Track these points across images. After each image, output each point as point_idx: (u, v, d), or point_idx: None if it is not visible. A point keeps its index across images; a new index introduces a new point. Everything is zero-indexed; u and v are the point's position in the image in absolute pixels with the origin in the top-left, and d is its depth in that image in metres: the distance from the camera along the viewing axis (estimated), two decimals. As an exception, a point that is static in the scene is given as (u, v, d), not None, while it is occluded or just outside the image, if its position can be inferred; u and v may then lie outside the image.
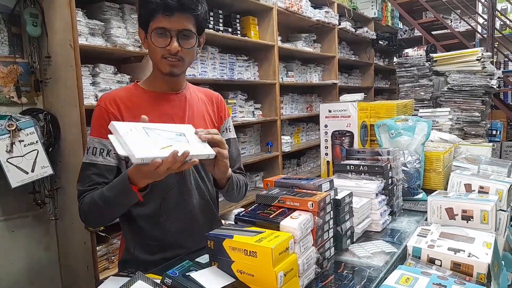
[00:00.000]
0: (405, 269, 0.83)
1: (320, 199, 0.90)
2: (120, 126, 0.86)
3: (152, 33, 1.07)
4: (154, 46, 1.08)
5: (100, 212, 1.07)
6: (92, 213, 1.08)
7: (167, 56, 1.08)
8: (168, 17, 1.05)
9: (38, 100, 2.13)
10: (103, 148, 1.09)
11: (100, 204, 1.04)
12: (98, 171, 1.09)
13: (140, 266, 1.07)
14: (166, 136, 0.92)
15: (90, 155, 1.10)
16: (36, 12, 2.01)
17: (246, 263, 0.78)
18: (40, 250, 2.17)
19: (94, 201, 1.05)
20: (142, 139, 0.86)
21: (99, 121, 1.11)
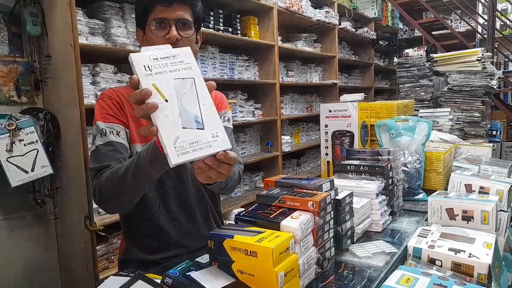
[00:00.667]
0: (405, 270, 0.83)
1: (320, 199, 0.89)
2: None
3: (150, 25, 1.07)
4: (153, 37, 1.07)
5: (119, 189, 0.94)
6: (110, 191, 0.96)
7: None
8: (167, 7, 1.05)
9: (38, 100, 2.13)
10: (112, 130, 1.06)
11: (122, 177, 0.91)
12: (113, 148, 1.04)
13: (140, 266, 1.07)
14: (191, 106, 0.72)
15: (100, 137, 1.05)
16: (36, 11, 2.01)
17: (247, 263, 0.78)
18: (39, 250, 2.17)
19: (115, 175, 0.94)
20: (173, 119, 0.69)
21: (104, 109, 1.09)
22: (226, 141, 0.72)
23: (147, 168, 0.85)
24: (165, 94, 0.69)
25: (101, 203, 1.02)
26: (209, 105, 0.73)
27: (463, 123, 2.45)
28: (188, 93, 0.72)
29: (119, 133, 1.07)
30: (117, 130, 1.07)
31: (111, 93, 1.13)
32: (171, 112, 0.69)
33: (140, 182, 0.92)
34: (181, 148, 0.67)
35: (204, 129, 0.71)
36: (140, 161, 0.86)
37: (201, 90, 0.74)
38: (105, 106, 1.10)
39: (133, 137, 1.11)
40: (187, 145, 0.68)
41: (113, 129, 1.07)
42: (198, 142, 0.69)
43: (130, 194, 0.96)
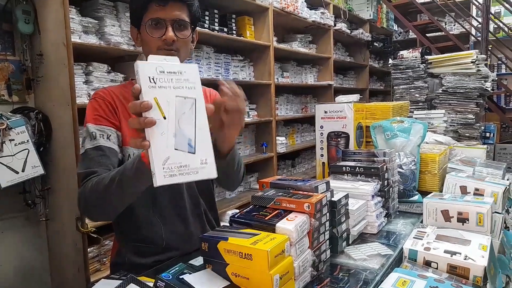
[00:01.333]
0: (401, 272, 0.82)
1: (316, 200, 0.88)
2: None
3: (146, 25, 1.05)
4: (149, 38, 1.05)
5: (104, 198, 0.91)
6: (95, 199, 0.93)
7: (163, 47, 1.05)
8: (163, 7, 1.03)
9: (29, 99, 2.10)
10: (102, 133, 1.04)
11: (106, 186, 0.89)
12: (102, 153, 1.01)
13: (132, 269, 1.05)
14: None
15: (90, 140, 1.02)
16: (29, 9, 1.98)
17: (241, 266, 0.77)
18: (30, 252, 2.14)
19: (100, 183, 0.91)
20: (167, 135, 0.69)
21: (96, 110, 1.06)
22: (213, 170, 0.72)
23: (132, 181, 0.84)
24: (164, 110, 0.68)
25: (85, 211, 1.00)
26: (204, 129, 0.73)
27: (457, 125, 2.46)
28: (187, 113, 0.71)
29: (109, 136, 1.04)
30: (108, 133, 1.04)
31: (104, 93, 1.10)
32: (166, 131, 0.68)
33: (125, 194, 0.90)
34: (169, 170, 0.66)
35: (195, 154, 0.70)
36: (126, 173, 0.84)
37: (200, 113, 0.73)
38: (97, 107, 1.07)
39: (125, 140, 1.08)
40: (175, 168, 0.67)
41: (104, 132, 1.04)
42: (186, 167, 0.68)
43: (114, 204, 0.94)
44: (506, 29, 4.47)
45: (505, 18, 5.16)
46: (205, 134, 0.72)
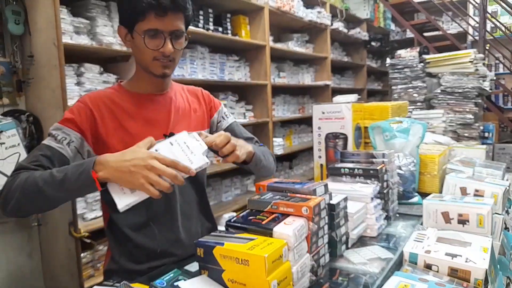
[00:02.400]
0: (402, 276, 0.82)
1: (315, 204, 0.87)
2: None
3: (143, 35, 1.02)
4: (145, 48, 1.03)
5: (30, 193, 0.90)
6: (19, 192, 0.90)
7: (159, 57, 1.05)
8: (161, 17, 1.01)
9: (20, 101, 2.07)
10: (65, 137, 1.01)
11: (37, 182, 0.89)
12: (49, 154, 0.98)
13: (126, 275, 1.03)
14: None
15: (50, 139, 1.01)
16: (19, 10, 1.96)
17: (238, 271, 0.76)
18: (22, 258, 2.10)
19: (31, 178, 0.90)
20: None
21: (72, 113, 1.04)
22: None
23: (75, 189, 0.89)
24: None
25: (4, 201, 0.93)
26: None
27: (456, 125, 2.46)
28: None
29: (70, 143, 1.01)
30: (71, 139, 1.01)
31: (91, 99, 1.07)
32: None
33: (63, 196, 0.93)
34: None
35: None
36: (69, 179, 0.88)
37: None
38: (75, 110, 1.04)
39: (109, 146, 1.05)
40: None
41: (68, 136, 1.01)
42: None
43: (44, 205, 0.95)
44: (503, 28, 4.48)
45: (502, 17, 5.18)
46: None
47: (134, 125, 1.09)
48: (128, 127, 1.08)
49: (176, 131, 1.15)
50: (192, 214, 1.20)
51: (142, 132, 1.09)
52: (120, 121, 1.07)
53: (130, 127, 1.08)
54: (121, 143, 1.06)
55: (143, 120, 1.10)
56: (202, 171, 1.25)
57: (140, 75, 1.14)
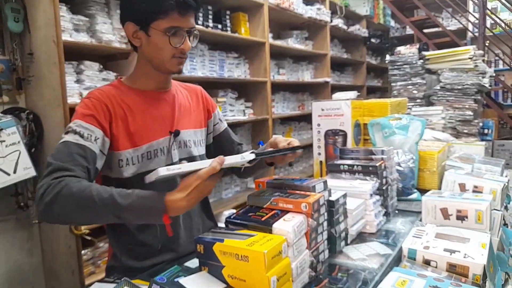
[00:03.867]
0: (400, 272, 0.82)
1: (314, 200, 0.88)
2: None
3: (168, 33, 1.04)
4: (166, 45, 1.05)
5: (85, 206, 0.87)
6: (72, 202, 0.87)
7: (178, 55, 1.08)
8: (183, 15, 1.04)
9: (20, 99, 2.06)
10: (90, 134, 1.00)
11: (93, 198, 0.85)
12: (83, 153, 0.96)
13: (127, 272, 1.03)
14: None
15: (75, 135, 0.97)
16: (18, 7, 1.95)
17: (238, 268, 0.76)
18: (23, 255, 2.10)
19: (88, 191, 0.86)
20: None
21: (89, 109, 1.03)
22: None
23: (136, 216, 0.87)
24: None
25: (46, 209, 0.89)
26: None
27: (455, 121, 2.45)
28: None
29: (96, 140, 1.01)
30: (96, 136, 1.01)
31: (101, 94, 1.07)
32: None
33: (104, 219, 0.92)
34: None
35: None
36: (133, 211, 0.86)
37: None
38: (91, 106, 1.03)
39: (117, 145, 1.05)
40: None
41: (92, 133, 1.00)
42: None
43: (86, 220, 0.97)
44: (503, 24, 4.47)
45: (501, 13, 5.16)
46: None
47: (140, 122, 1.09)
48: (134, 123, 1.08)
49: (180, 127, 1.16)
50: (193, 211, 1.20)
51: (148, 129, 1.10)
52: (127, 116, 1.08)
53: (136, 123, 1.09)
54: (127, 137, 1.07)
55: (149, 117, 1.11)
56: None
57: (145, 72, 1.14)
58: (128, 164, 1.07)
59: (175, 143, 1.15)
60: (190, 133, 1.20)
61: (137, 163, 1.08)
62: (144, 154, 1.09)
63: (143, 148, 1.09)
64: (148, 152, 1.09)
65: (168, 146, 1.13)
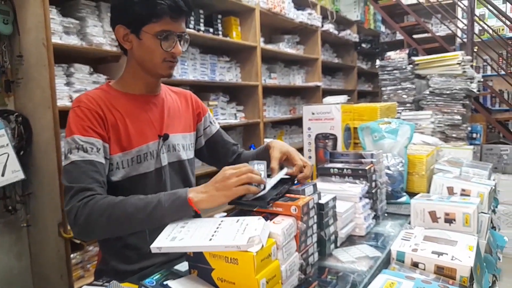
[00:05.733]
0: (389, 274, 0.83)
1: (303, 203, 0.88)
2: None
3: (160, 37, 1.04)
4: (156, 49, 1.05)
5: (119, 218, 0.92)
6: (105, 218, 0.92)
7: (168, 59, 1.08)
8: (175, 20, 1.05)
9: (9, 101, 2.04)
10: (92, 147, 1.00)
11: (126, 208, 0.91)
12: (94, 168, 0.98)
13: (116, 276, 1.02)
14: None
15: (78, 152, 0.98)
16: (7, 9, 1.93)
17: (227, 270, 0.76)
18: (11, 259, 2.08)
19: (120, 205, 0.92)
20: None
21: (83, 120, 1.02)
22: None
23: (170, 215, 0.91)
24: None
25: (84, 228, 0.95)
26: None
27: (444, 125, 2.48)
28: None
29: (99, 150, 1.02)
30: (98, 147, 1.01)
31: (90, 101, 1.06)
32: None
33: (152, 225, 0.94)
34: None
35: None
36: (163, 207, 0.90)
37: None
38: (83, 116, 1.03)
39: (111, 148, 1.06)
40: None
41: (94, 146, 1.01)
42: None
43: (128, 230, 0.98)
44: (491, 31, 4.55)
45: (489, 20, 5.25)
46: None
47: (130, 126, 1.09)
48: (124, 128, 1.08)
49: (169, 131, 1.16)
50: None
51: (137, 133, 1.10)
52: (117, 121, 1.08)
53: (125, 127, 1.08)
54: (116, 142, 1.07)
55: (138, 121, 1.11)
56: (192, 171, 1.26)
57: (135, 75, 1.13)
58: (118, 168, 1.07)
59: (164, 146, 1.15)
60: (178, 137, 1.21)
61: (126, 167, 1.08)
62: (134, 158, 1.09)
63: (133, 152, 1.09)
64: (138, 156, 1.10)
65: (157, 150, 1.13)
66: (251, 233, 0.75)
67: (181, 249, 0.81)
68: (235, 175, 0.90)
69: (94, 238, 1.04)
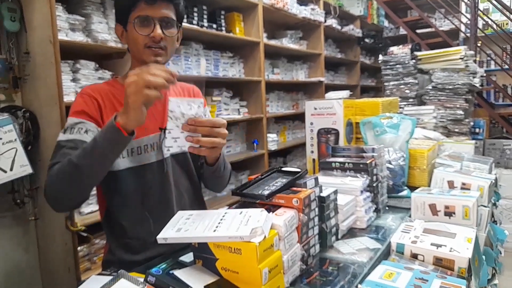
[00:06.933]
0: (388, 265, 0.85)
1: (305, 196, 0.90)
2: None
3: (134, 23, 1.06)
4: (137, 35, 1.07)
5: (73, 177, 0.93)
6: (59, 179, 0.95)
7: (150, 44, 1.08)
8: (151, 5, 1.05)
9: (16, 97, 2.07)
10: (80, 128, 1.04)
11: (71, 161, 0.92)
12: (74, 145, 1.01)
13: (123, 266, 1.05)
14: None
15: (64, 133, 1.04)
16: (14, 7, 1.95)
17: (231, 260, 0.78)
18: (19, 252, 2.11)
19: (68, 163, 0.92)
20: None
21: (80, 105, 1.08)
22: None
23: (108, 150, 0.91)
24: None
25: (52, 196, 0.99)
26: None
27: (446, 120, 2.49)
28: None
29: (87, 131, 1.05)
30: (87, 128, 1.05)
31: (92, 90, 1.11)
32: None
33: (99, 165, 0.94)
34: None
35: None
36: (99, 144, 0.90)
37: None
38: (81, 102, 1.08)
39: None
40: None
41: (83, 125, 1.05)
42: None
43: (86, 180, 0.96)
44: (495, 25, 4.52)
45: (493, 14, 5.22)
46: None
47: None
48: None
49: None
50: (187, 205, 1.23)
51: None
52: (118, 111, 1.10)
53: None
54: None
55: None
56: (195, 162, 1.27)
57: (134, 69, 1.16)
58: (119, 158, 1.09)
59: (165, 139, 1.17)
60: None
61: (126, 157, 1.11)
62: (135, 149, 1.12)
63: (133, 143, 1.11)
64: (139, 147, 1.12)
65: (158, 142, 1.16)
66: (254, 225, 0.77)
67: (186, 240, 0.82)
68: (134, 82, 0.86)
69: (63, 204, 1.05)
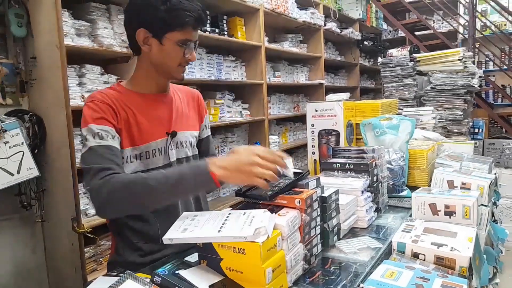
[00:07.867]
0: (390, 264, 0.86)
1: (307, 196, 0.91)
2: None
3: (178, 43, 1.11)
4: (176, 55, 1.12)
5: (143, 195, 0.95)
6: (127, 192, 0.95)
7: (184, 64, 1.16)
8: (194, 30, 1.13)
9: (23, 101, 2.10)
10: (107, 134, 1.05)
11: (148, 182, 0.94)
12: (111, 152, 1.03)
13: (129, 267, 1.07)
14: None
15: (94, 138, 1.03)
16: (21, 13, 1.98)
17: (235, 260, 0.79)
18: (26, 253, 2.14)
19: (142, 180, 0.95)
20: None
21: (97, 112, 1.07)
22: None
23: (193, 187, 0.98)
24: None
25: (107, 204, 0.98)
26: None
27: (445, 121, 2.51)
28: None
29: (114, 137, 1.07)
30: (112, 134, 1.07)
31: (103, 97, 1.11)
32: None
33: (176, 196, 1.04)
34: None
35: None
36: (186, 180, 0.95)
37: None
38: (97, 109, 1.08)
39: (122, 142, 1.11)
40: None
41: (108, 133, 1.06)
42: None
43: (151, 203, 1.00)
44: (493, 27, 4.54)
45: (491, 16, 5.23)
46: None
47: (141, 122, 1.14)
48: (134, 124, 1.13)
49: (177, 129, 1.21)
50: (192, 207, 1.25)
51: (147, 130, 1.14)
52: (129, 117, 1.12)
53: (136, 124, 1.13)
54: (127, 137, 1.11)
55: (148, 118, 1.15)
56: None
57: (148, 76, 1.18)
58: (127, 162, 1.12)
59: (172, 143, 1.20)
60: (186, 134, 1.25)
61: (135, 161, 1.13)
62: (143, 154, 1.14)
63: (141, 147, 1.14)
64: (146, 152, 1.15)
65: (165, 147, 1.18)
66: (258, 225, 0.79)
67: (192, 240, 0.84)
68: (262, 166, 0.92)
69: (116, 214, 1.06)
